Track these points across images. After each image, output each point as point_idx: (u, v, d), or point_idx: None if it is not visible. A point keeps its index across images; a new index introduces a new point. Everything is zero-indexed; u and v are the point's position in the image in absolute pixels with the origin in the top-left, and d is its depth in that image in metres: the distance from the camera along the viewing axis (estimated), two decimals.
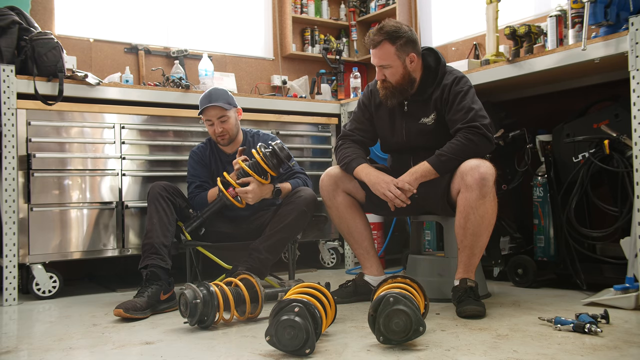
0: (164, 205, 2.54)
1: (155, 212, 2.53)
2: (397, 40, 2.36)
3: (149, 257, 2.43)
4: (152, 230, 2.48)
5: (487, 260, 2.76)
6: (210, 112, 2.69)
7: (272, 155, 2.53)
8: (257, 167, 2.54)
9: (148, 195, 2.59)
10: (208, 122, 2.73)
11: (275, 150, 2.53)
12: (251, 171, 2.53)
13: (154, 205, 2.54)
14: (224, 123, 2.71)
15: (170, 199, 2.58)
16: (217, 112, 2.69)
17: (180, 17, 4.04)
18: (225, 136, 2.73)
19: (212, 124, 2.72)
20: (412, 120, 2.46)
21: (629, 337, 1.78)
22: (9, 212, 2.63)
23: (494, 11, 2.87)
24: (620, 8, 2.29)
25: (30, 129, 2.75)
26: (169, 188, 2.60)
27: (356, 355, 1.67)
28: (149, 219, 2.53)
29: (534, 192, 2.81)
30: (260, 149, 2.55)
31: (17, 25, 2.82)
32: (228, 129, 2.73)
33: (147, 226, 2.52)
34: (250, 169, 2.54)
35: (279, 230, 2.54)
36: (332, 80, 4.10)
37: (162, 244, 2.46)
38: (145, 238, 2.49)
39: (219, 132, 2.71)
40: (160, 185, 2.60)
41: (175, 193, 2.62)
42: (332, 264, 3.71)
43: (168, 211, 2.54)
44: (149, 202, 2.57)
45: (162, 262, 2.42)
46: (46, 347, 1.86)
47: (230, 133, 2.74)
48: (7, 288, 2.62)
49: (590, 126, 2.53)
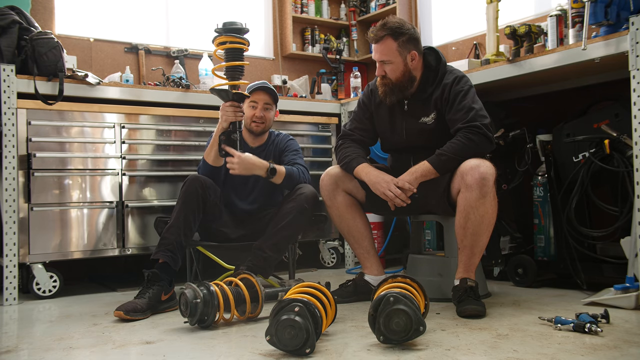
0: (196, 202, 2.50)
1: (184, 208, 2.49)
2: (399, 36, 2.36)
3: (164, 252, 2.40)
4: (175, 226, 2.45)
5: (487, 260, 2.76)
6: (260, 95, 2.75)
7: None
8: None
9: (183, 186, 2.54)
10: (252, 103, 2.75)
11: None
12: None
13: (186, 200, 2.49)
14: (267, 111, 2.76)
15: (204, 197, 2.54)
16: (266, 98, 2.75)
17: (180, 17, 4.04)
18: (261, 124, 2.77)
19: (255, 107, 2.75)
20: (412, 119, 2.46)
21: (629, 336, 1.78)
22: (9, 212, 2.63)
23: (494, 11, 2.87)
24: (621, 8, 2.29)
25: (30, 129, 2.75)
26: (206, 184, 2.56)
27: (356, 355, 1.67)
28: (176, 212, 2.49)
29: (534, 191, 2.81)
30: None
31: (17, 24, 2.82)
32: (267, 118, 2.78)
33: (173, 219, 2.47)
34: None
35: (280, 228, 2.54)
36: (332, 79, 4.10)
37: (180, 244, 2.43)
38: (166, 231, 2.45)
39: (259, 116, 2.74)
40: (197, 181, 2.54)
41: (210, 189, 2.58)
42: (332, 264, 3.71)
43: (197, 210, 2.51)
44: (181, 195, 2.52)
45: (173, 263, 2.41)
46: (46, 347, 1.86)
47: (267, 123, 2.79)
48: (7, 288, 2.62)
49: (590, 126, 2.53)
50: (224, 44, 2.44)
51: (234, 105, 2.52)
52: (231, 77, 2.50)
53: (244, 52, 2.49)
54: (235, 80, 2.50)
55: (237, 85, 2.52)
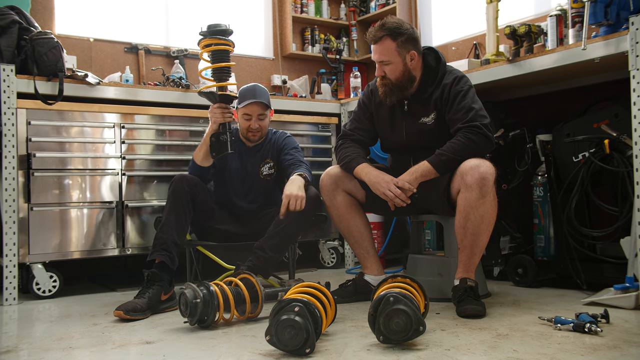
0: (184, 201, 2.51)
1: (173, 207, 2.50)
2: (398, 36, 2.36)
3: (159, 252, 2.41)
4: (167, 225, 2.46)
5: (487, 260, 2.76)
6: (253, 108, 2.70)
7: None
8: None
9: (170, 187, 2.56)
10: (246, 116, 2.72)
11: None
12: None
13: (174, 199, 2.51)
14: (261, 121, 2.73)
15: (192, 195, 2.54)
16: (259, 109, 2.71)
17: (180, 17, 4.04)
18: (258, 133, 2.75)
19: (249, 119, 2.71)
20: (412, 119, 2.46)
21: (629, 336, 1.78)
22: (9, 212, 2.63)
23: (494, 11, 2.87)
24: (621, 7, 2.29)
25: (30, 129, 2.75)
26: (193, 183, 2.57)
27: (356, 355, 1.67)
28: (166, 213, 2.50)
29: (534, 191, 2.81)
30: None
31: (17, 24, 2.82)
32: (263, 127, 2.75)
33: (164, 219, 2.49)
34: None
35: (282, 228, 2.53)
36: (332, 79, 4.10)
37: (174, 242, 2.44)
38: (159, 231, 2.47)
39: (255, 128, 2.72)
40: (184, 180, 2.56)
41: (198, 187, 2.59)
42: (332, 264, 3.71)
43: (187, 208, 2.52)
44: (169, 195, 2.54)
45: (170, 262, 2.41)
46: (46, 347, 1.86)
47: (263, 131, 2.77)
48: (7, 287, 2.62)
49: (590, 126, 2.52)
50: (209, 46, 2.47)
51: (222, 107, 2.55)
52: (218, 79, 2.53)
53: (230, 53, 2.52)
54: (223, 82, 2.53)
55: (224, 87, 2.55)
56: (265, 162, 2.82)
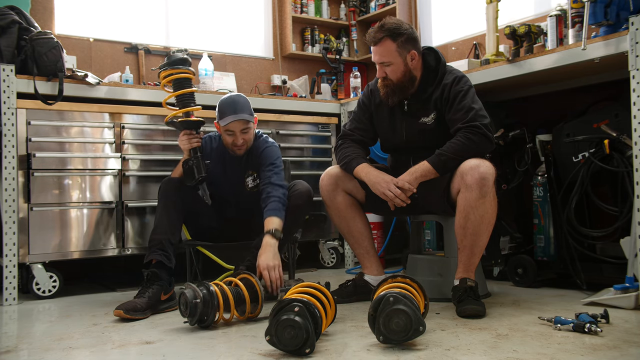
0: (175, 201, 2.53)
1: (164, 208, 2.52)
2: (398, 37, 2.36)
3: (155, 252, 2.42)
4: (160, 226, 2.48)
5: (487, 260, 2.76)
6: (235, 124, 2.57)
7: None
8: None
9: (159, 190, 2.58)
10: (228, 132, 2.60)
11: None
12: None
13: (165, 200, 2.53)
14: (245, 134, 2.61)
15: (182, 196, 2.56)
16: (241, 125, 2.59)
17: (180, 17, 4.04)
18: (243, 147, 2.64)
19: (232, 134, 2.60)
20: (412, 119, 2.46)
21: (629, 336, 1.78)
22: (9, 212, 2.63)
23: (494, 11, 2.87)
24: (620, 8, 2.29)
25: (30, 129, 2.75)
26: (181, 182, 2.58)
27: (356, 355, 1.67)
28: (158, 214, 2.52)
29: (534, 191, 2.81)
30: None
31: (17, 24, 2.82)
32: (248, 140, 2.64)
33: (156, 221, 2.52)
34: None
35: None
36: (332, 79, 4.10)
37: (169, 241, 2.45)
38: (153, 233, 2.49)
39: (239, 144, 2.62)
40: (172, 181, 2.58)
41: (188, 189, 2.59)
42: (332, 264, 3.71)
43: (178, 208, 2.53)
44: (159, 197, 2.57)
45: (167, 260, 2.42)
46: (46, 347, 1.86)
47: (249, 143, 2.66)
48: (7, 288, 2.62)
49: (590, 126, 2.53)
50: (170, 76, 2.53)
51: (186, 133, 2.59)
52: (182, 105, 2.57)
53: (191, 80, 2.58)
54: (187, 107, 2.57)
55: (189, 112, 2.59)
56: (248, 173, 2.73)
